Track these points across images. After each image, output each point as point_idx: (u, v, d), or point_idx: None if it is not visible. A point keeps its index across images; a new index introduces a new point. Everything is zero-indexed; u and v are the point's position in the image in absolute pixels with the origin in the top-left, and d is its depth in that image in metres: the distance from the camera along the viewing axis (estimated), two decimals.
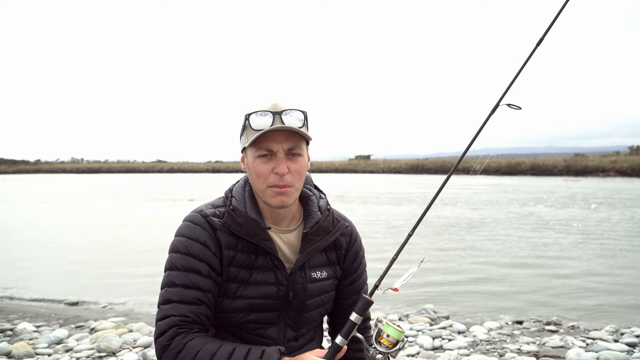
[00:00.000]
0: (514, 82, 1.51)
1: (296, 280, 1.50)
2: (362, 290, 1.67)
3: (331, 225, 1.56)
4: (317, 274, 1.54)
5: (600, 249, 8.91)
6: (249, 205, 1.49)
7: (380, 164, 63.20)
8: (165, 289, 1.41)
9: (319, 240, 1.52)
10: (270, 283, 1.46)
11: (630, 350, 3.87)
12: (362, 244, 1.70)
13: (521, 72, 1.51)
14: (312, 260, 1.53)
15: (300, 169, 1.45)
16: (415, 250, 8.60)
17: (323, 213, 1.57)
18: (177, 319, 1.36)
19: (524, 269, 7.44)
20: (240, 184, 1.56)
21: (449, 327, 4.53)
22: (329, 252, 1.58)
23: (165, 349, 1.34)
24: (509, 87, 1.51)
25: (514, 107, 1.47)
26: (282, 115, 1.40)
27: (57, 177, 59.85)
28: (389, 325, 1.36)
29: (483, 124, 1.51)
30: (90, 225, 13.08)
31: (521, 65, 1.51)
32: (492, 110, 1.50)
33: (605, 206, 16.26)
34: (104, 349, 3.85)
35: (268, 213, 1.51)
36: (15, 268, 7.98)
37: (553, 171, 44.26)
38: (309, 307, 1.54)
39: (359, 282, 1.66)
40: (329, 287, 1.59)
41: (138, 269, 7.67)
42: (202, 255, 1.41)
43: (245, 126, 1.45)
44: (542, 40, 1.52)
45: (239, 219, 1.45)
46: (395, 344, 1.35)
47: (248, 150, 1.46)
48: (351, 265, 1.64)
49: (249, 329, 1.49)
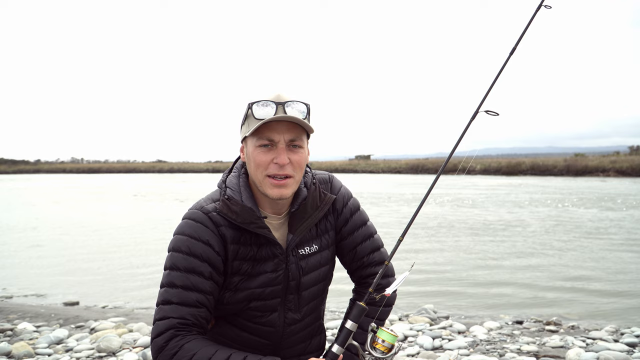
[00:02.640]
0: (490, 90, 1.55)
1: (290, 261, 1.49)
2: (372, 249, 1.62)
3: (318, 199, 1.54)
4: (306, 249, 1.52)
5: (601, 248, 8.91)
6: (245, 194, 1.48)
7: (380, 164, 63.20)
8: (165, 288, 1.40)
9: (308, 218, 1.51)
10: (269, 271, 1.46)
11: (630, 350, 3.86)
12: (354, 204, 1.64)
13: (497, 79, 1.56)
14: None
15: (300, 161, 1.44)
16: (414, 251, 8.60)
17: (309, 189, 1.54)
18: (176, 321, 1.35)
19: (524, 268, 7.43)
20: (234, 174, 1.54)
21: (449, 327, 4.53)
22: (319, 223, 1.56)
23: (161, 350, 1.33)
24: (487, 95, 1.54)
25: (491, 113, 1.50)
26: (285, 106, 1.40)
27: (57, 177, 59.82)
28: (383, 330, 1.36)
29: (464, 130, 1.54)
30: (90, 226, 13.07)
31: (497, 72, 1.56)
32: (471, 117, 1.53)
33: (603, 205, 16.27)
34: (104, 349, 3.84)
35: (265, 202, 1.49)
36: (16, 268, 7.98)
37: (553, 171, 44.23)
38: (305, 285, 1.52)
39: (363, 246, 1.61)
40: (324, 259, 1.57)
41: (138, 269, 7.67)
42: (204, 255, 1.40)
43: (248, 115, 1.44)
44: (514, 50, 1.56)
45: (235, 207, 1.44)
46: (390, 349, 1.35)
47: (249, 140, 1.45)
48: (343, 229, 1.60)
49: (250, 317, 1.49)
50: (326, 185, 1.60)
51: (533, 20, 1.60)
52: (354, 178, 42.68)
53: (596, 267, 7.49)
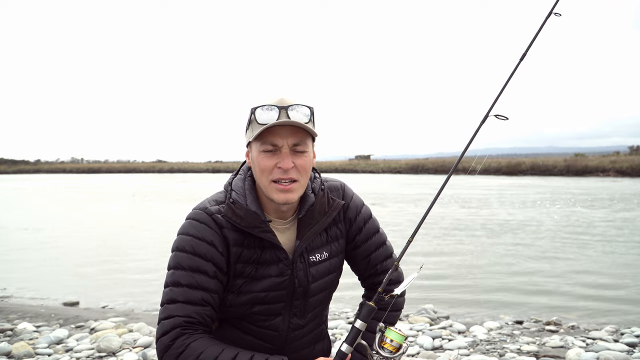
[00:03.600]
0: (501, 94, 1.55)
1: (297, 267, 1.48)
2: (385, 256, 1.63)
3: (326, 205, 1.53)
4: (317, 257, 1.52)
5: (601, 248, 8.90)
6: (250, 198, 1.47)
7: (380, 164, 63.17)
8: (170, 288, 1.39)
9: (315, 224, 1.50)
10: (273, 275, 1.45)
11: (630, 350, 3.86)
12: (366, 212, 1.63)
13: (507, 84, 1.56)
14: (310, 243, 1.51)
15: (305, 165, 1.43)
16: (416, 252, 8.60)
17: (317, 194, 1.53)
18: (182, 320, 1.35)
19: (523, 268, 7.43)
20: (240, 177, 1.53)
21: (449, 327, 4.53)
22: (329, 230, 1.55)
23: (167, 349, 1.33)
24: (497, 100, 1.54)
25: (501, 117, 1.51)
26: (288, 110, 1.38)
27: (57, 177, 59.81)
28: (391, 330, 1.36)
29: (474, 135, 1.54)
30: (90, 226, 13.08)
31: (508, 77, 1.57)
32: (481, 121, 1.54)
33: (603, 205, 16.26)
34: (104, 349, 3.84)
35: (271, 206, 1.48)
36: (16, 268, 7.98)
37: (553, 171, 44.20)
38: (313, 291, 1.52)
39: (377, 253, 1.62)
40: (333, 267, 1.56)
41: (138, 269, 7.66)
42: (208, 255, 1.39)
43: (251, 120, 1.42)
44: (524, 56, 1.57)
45: (239, 211, 1.43)
46: (398, 349, 1.35)
47: (253, 145, 1.44)
48: (357, 238, 1.60)
49: (253, 320, 1.48)
50: (338, 192, 1.59)
51: (542, 29, 1.59)
52: (354, 178, 42.67)
53: (596, 266, 7.49)
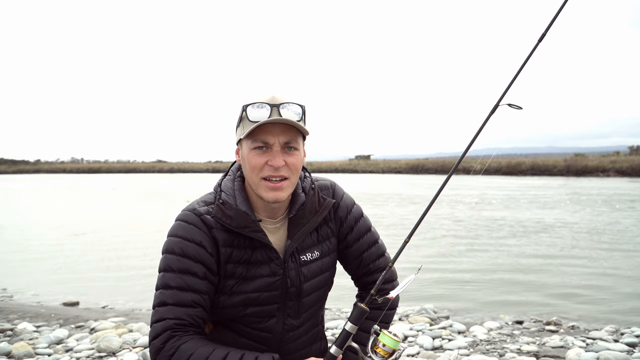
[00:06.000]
0: (514, 81, 1.48)
1: (289, 267, 1.47)
2: (378, 255, 1.63)
3: (317, 204, 1.52)
4: (308, 256, 1.51)
5: (601, 248, 8.90)
6: (239, 198, 1.47)
7: (380, 164, 63.17)
8: (161, 290, 1.40)
9: (306, 223, 1.49)
10: (265, 275, 1.45)
11: (630, 350, 3.86)
12: (357, 211, 1.63)
13: (521, 71, 1.49)
14: (301, 242, 1.51)
15: (296, 163, 1.42)
16: (413, 252, 8.60)
17: (308, 194, 1.53)
18: (173, 322, 1.35)
19: (523, 268, 7.42)
20: (229, 178, 1.53)
21: (449, 327, 4.53)
22: (320, 229, 1.55)
23: (159, 352, 1.34)
24: (509, 87, 1.48)
25: (514, 107, 1.45)
26: (279, 108, 1.38)
27: (57, 177, 59.80)
28: (385, 334, 1.34)
29: (483, 124, 1.49)
30: (90, 226, 13.07)
31: (522, 63, 1.49)
32: (492, 110, 1.48)
33: (606, 206, 16.26)
34: (104, 349, 3.84)
35: (261, 205, 1.48)
36: (16, 268, 7.98)
37: (553, 171, 44.20)
38: (306, 291, 1.51)
39: (369, 252, 1.61)
40: (325, 266, 1.56)
41: (138, 269, 7.67)
42: (198, 256, 1.39)
43: (242, 117, 1.42)
44: (542, 38, 1.48)
45: (229, 211, 1.42)
46: (391, 354, 1.33)
47: (243, 142, 1.43)
48: (348, 237, 1.60)
49: (247, 322, 1.48)
50: (328, 191, 1.59)
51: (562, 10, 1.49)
52: (354, 178, 42.66)
53: (596, 266, 7.49)
